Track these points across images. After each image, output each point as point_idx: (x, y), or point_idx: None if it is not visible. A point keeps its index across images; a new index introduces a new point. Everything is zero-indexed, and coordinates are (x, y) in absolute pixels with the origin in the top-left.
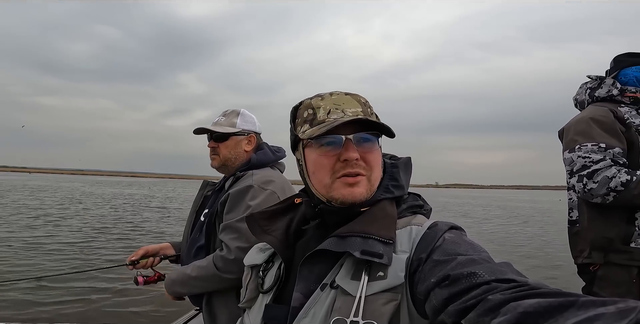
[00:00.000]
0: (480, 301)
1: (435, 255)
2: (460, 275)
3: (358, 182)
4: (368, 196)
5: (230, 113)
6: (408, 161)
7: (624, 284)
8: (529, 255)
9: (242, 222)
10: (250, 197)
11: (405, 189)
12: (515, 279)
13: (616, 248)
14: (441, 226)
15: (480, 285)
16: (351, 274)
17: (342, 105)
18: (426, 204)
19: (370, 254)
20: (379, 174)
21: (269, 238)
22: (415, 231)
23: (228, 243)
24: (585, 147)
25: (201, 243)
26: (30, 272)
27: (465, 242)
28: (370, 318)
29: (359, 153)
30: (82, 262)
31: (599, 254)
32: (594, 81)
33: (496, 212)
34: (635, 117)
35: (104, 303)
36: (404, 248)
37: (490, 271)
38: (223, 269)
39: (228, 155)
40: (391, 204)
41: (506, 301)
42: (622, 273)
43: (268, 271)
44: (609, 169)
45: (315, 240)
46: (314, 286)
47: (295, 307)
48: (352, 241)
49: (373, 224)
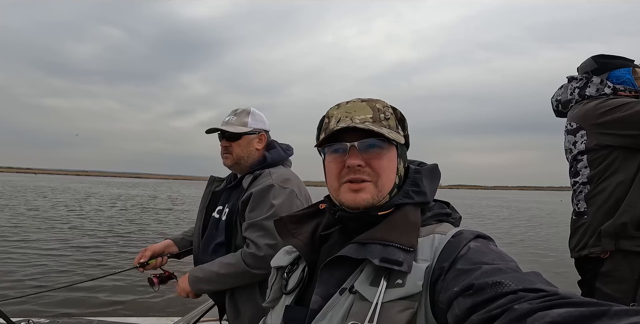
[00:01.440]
0: (506, 310)
1: (459, 264)
2: (485, 284)
3: (362, 188)
4: (375, 201)
5: (240, 112)
6: (434, 168)
7: (627, 280)
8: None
9: (268, 220)
10: (272, 196)
11: (428, 195)
12: (544, 289)
13: (628, 233)
14: (466, 235)
15: (506, 294)
16: (370, 280)
17: (352, 113)
18: (455, 212)
19: (389, 262)
20: (388, 179)
21: (295, 241)
22: (438, 240)
23: (256, 240)
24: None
25: (220, 240)
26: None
27: (492, 251)
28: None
29: (365, 159)
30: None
31: (610, 240)
32: (580, 81)
33: (519, 215)
34: None
35: (119, 299)
36: (425, 256)
37: (517, 280)
38: (253, 265)
39: (241, 154)
40: (415, 211)
41: (533, 311)
42: (626, 268)
43: (292, 273)
44: None
45: (339, 245)
46: (333, 290)
47: (314, 309)
48: (372, 248)
49: (394, 231)
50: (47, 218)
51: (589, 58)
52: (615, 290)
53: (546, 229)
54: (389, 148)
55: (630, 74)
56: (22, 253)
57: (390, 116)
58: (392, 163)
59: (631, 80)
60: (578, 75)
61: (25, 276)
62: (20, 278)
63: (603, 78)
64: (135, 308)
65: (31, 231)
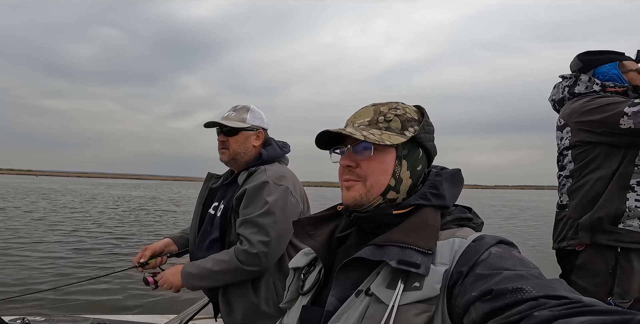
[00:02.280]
0: (525, 317)
1: (479, 269)
2: (505, 290)
3: (352, 186)
4: (364, 200)
5: (240, 109)
6: (456, 172)
7: (601, 274)
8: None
9: (261, 217)
10: (266, 193)
11: (448, 199)
12: (567, 296)
13: (604, 228)
14: (488, 240)
15: (527, 301)
16: (387, 282)
17: (357, 117)
18: (477, 217)
19: (407, 264)
20: (377, 180)
21: (312, 243)
22: (458, 244)
23: (249, 237)
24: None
25: (215, 236)
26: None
27: (514, 257)
28: None
29: (357, 161)
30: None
31: (587, 234)
32: (569, 79)
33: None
34: None
35: (115, 298)
36: (444, 260)
37: (539, 287)
38: (246, 262)
39: (238, 149)
40: (434, 215)
41: (554, 318)
42: (600, 262)
43: (309, 274)
44: None
45: (356, 247)
46: (349, 292)
47: (329, 311)
48: (389, 250)
49: (412, 233)
50: (49, 220)
51: (575, 56)
52: (589, 283)
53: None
54: (383, 150)
55: (616, 68)
56: (22, 255)
57: (392, 118)
58: (384, 165)
59: (617, 75)
60: (568, 74)
61: (20, 277)
62: (18, 278)
63: (590, 75)
64: (133, 306)
65: (30, 231)
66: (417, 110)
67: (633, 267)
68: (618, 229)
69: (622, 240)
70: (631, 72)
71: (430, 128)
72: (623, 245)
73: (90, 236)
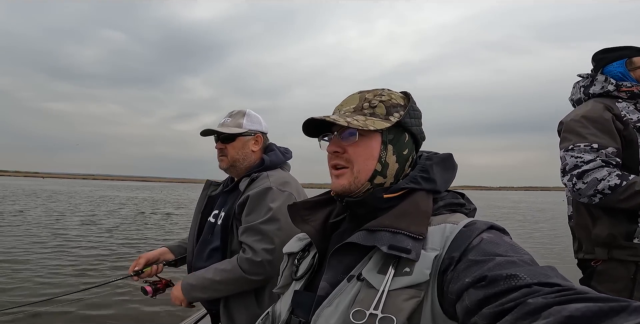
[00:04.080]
0: (519, 304)
1: (471, 254)
2: (498, 276)
3: (341, 174)
4: (352, 187)
5: (236, 114)
6: (447, 157)
7: (621, 279)
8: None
9: (265, 224)
10: (270, 199)
11: (439, 184)
12: (560, 284)
13: (619, 244)
14: (479, 225)
15: (520, 288)
16: (378, 267)
17: (343, 105)
18: (470, 203)
19: (397, 249)
20: (364, 166)
21: (307, 228)
22: (449, 229)
23: (252, 245)
24: (578, 148)
25: (215, 244)
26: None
27: (505, 243)
28: (390, 312)
29: (343, 147)
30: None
31: (603, 250)
32: (585, 79)
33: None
34: (632, 113)
35: (113, 307)
36: (435, 245)
37: (532, 274)
38: (250, 271)
39: (236, 156)
40: (426, 200)
41: (549, 305)
42: (621, 269)
43: (303, 260)
44: (600, 170)
45: (349, 232)
46: (341, 277)
47: (321, 296)
48: (380, 235)
49: (403, 218)
50: (52, 224)
51: (593, 55)
52: (609, 289)
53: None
54: (369, 135)
55: (622, 66)
56: (21, 260)
57: (377, 104)
58: (369, 150)
59: (623, 73)
60: (585, 74)
61: (13, 288)
62: (10, 288)
63: (607, 75)
64: (128, 318)
65: (33, 233)
66: (404, 96)
67: None
68: (634, 244)
69: (639, 254)
70: (639, 69)
71: (416, 113)
72: (639, 259)
73: (90, 242)
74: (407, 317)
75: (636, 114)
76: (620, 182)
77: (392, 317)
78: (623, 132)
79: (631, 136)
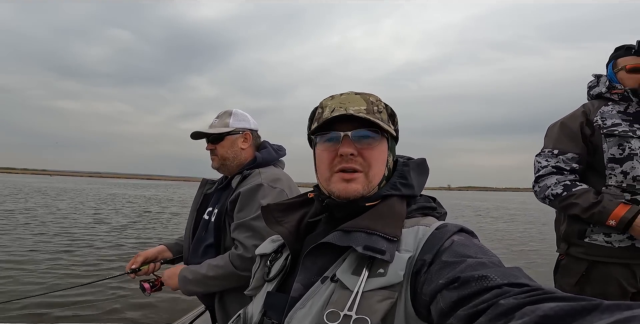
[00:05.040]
0: (492, 305)
1: (444, 256)
2: (470, 278)
3: (354, 178)
4: (365, 192)
5: (223, 114)
6: (422, 162)
7: (575, 275)
8: None
9: (256, 220)
10: (261, 195)
11: (415, 189)
12: (528, 284)
13: (574, 241)
14: (450, 228)
15: (492, 289)
16: (353, 268)
17: (346, 103)
18: (440, 207)
19: (372, 250)
20: (379, 171)
21: (281, 229)
22: (422, 231)
23: (243, 241)
24: (543, 153)
25: (209, 241)
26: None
27: (475, 245)
28: (364, 313)
29: (358, 150)
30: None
31: (564, 246)
32: (593, 80)
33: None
34: (611, 118)
35: (112, 305)
36: (408, 247)
37: (502, 274)
38: (241, 267)
39: (225, 154)
40: (401, 203)
41: (521, 306)
42: (576, 264)
43: (275, 261)
44: (550, 177)
45: (324, 234)
46: (314, 278)
47: (294, 297)
48: (356, 236)
49: (379, 220)
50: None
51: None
52: (566, 283)
53: None
54: (381, 140)
55: (610, 68)
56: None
57: (382, 110)
58: (383, 155)
59: (610, 75)
60: (596, 74)
61: (8, 283)
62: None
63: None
64: (125, 315)
65: (40, 231)
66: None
67: (601, 275)
68: (584, 243)
69: (590, 254)
70: (620, 71)
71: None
72: (590, 258)
73: (95, 239)
74: (381, 318)
75: (615, 118)
76: (562, 192)
77: (366, 318)
78: (590, 138)
79: (597, 141)
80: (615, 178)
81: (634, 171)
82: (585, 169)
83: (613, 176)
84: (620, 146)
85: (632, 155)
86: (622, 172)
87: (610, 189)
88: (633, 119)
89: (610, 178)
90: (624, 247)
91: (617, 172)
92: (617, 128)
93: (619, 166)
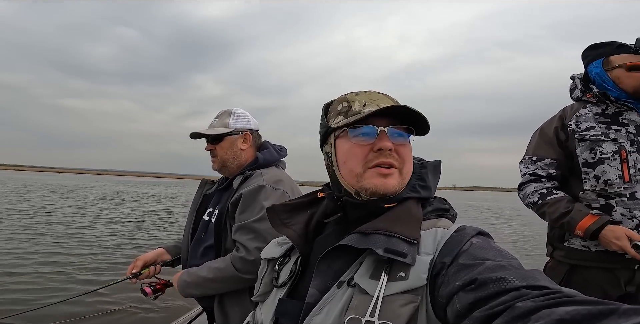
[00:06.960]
0: (509, 307)
1: (461, 259)
2: (488, 280)
3: (391, 173)
4: (399, 189)
5: (222, 114)
6: (438, 164)
7: (557, 278)
8: None
9: (258, 222)
10: (263, 197)
11: (432, 191)
12: (548, 287)
13: (557, 245)
14: (469, 231)
15: (509, 291)
16: (370, 272)
17: (376, 100)
18: (452, 208)
19: (393, 253)
20: (410, 169)
21: (288, 232)
22: (440, 234)
23: (246, 243)
24: (524, 160)
25: (209, 243)
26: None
27: (493, 248)
28: (387, 318)
29: (394, 145)
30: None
31: (550, 248)
32: (572, 81)
33: None
34: (586, 121)
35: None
36: (427, 249)
37: (520, 277)
38: (243, 270)
39: (225, 156)
40: (417, 205)
41: (538, 309)
42: (558, 268)
43: (284, 266)
44: (529, 185)
45: (335, 236)
46: (330, 283)
47: (310, 303)
48: (375, 238)
49: (397, 223)
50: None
51: (581, 53)
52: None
53: None
54: (410, 139)
55: (599, 66)
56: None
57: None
58: (411, 153)
59: (600, 74)
60: (574, 75)
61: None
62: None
63: (586, 76)
64: (125, 318)
65: (41, 228)
66: None
67: (583, 279)
68: (564, 247)
69: (570, 257)
70: (616, 69)
71: None
72: (570, 262)
73: (96, 241)
74: (405, 323)
75: (590, 122)
76: (537, 200)
77: (389, 323)
78: (565, 143)
79: (571, 146)
80: (589, 183)
81: (604, 175)
82: (568, 174)
83: (588, 181)
84: (592, 151)
85: (603, 159)
86: (594, 177)
87: (586, 194)
88: (611, 121)
89: (585, 183)
90: (600, 251)
91: (591, 176)
92: (589, 132)
93: (592, 171)
